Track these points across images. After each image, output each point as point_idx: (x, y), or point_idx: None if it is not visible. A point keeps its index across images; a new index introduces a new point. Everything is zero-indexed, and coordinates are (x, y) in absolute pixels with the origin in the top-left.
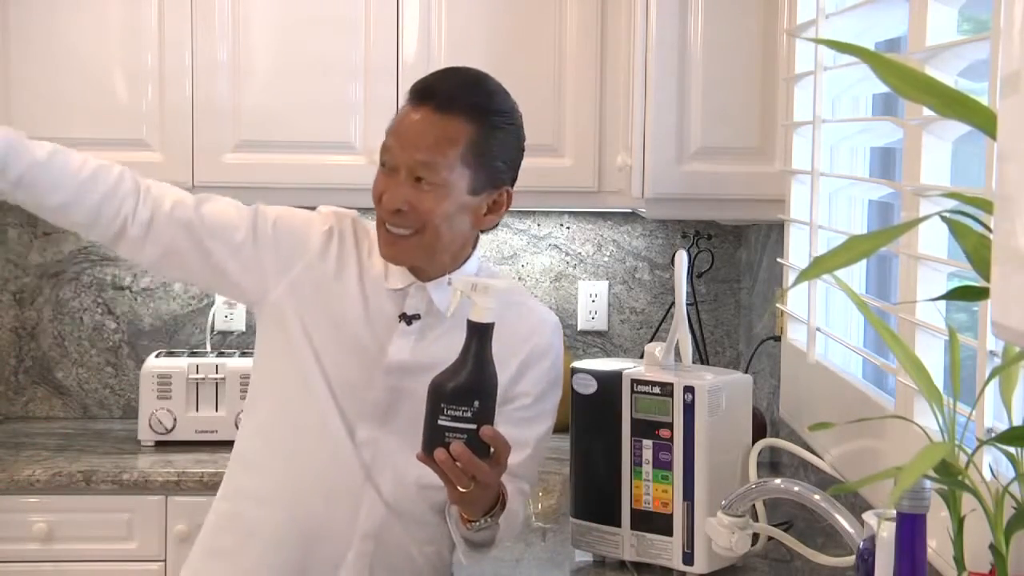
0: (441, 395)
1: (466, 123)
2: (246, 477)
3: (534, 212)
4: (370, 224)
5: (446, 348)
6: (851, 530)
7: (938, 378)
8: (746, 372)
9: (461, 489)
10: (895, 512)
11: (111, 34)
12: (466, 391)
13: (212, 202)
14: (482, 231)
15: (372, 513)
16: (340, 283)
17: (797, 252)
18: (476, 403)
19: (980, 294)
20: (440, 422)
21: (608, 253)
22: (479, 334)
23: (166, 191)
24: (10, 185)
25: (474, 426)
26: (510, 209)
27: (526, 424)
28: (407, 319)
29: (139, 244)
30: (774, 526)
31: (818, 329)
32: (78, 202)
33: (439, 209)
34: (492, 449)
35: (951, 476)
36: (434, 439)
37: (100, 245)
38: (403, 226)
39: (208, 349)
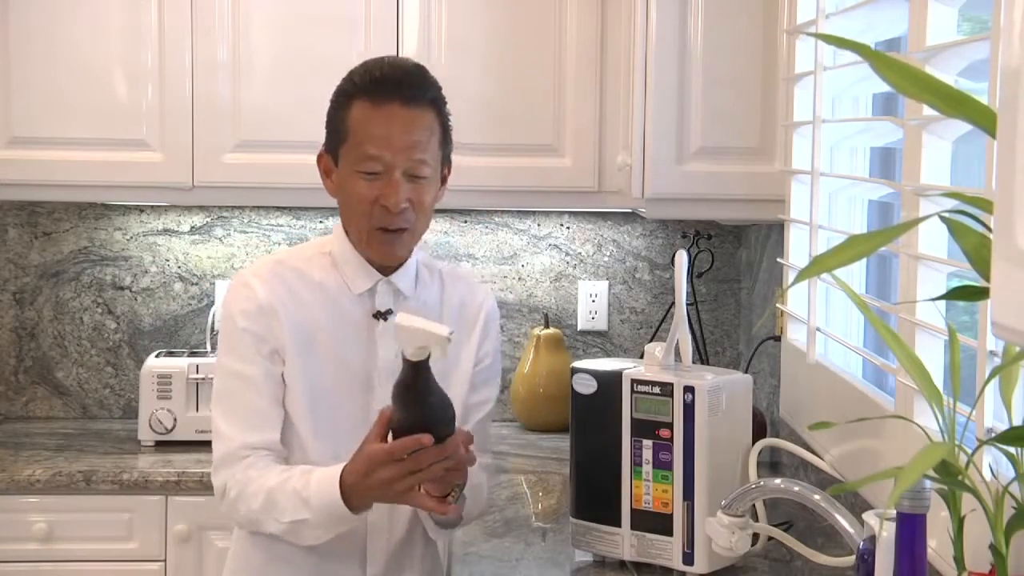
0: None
1: (431, 112)
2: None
3: (534, 212)
4: (303, 251)
5: None
6: (851, 530)
7: (938, 378)
8: (746, 372)
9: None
10: (895, 512)
11: (111, 34)
12: (422, 429)
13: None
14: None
15: (376, 558)
16: (305, 326)
17: (797, 252)
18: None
19: (980, 294)
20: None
21: (608, 253)
22: (423, 370)
23: (258, 438)
24: None
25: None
26: (509, 209)
27: (484, 385)
28: (382, 316)
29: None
30: (774, 526)
31: (818, 329)
32: None
33: (430, 199)
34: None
35: (951, 476)
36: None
37: (100, 245)
38: (403, 223)
39: (208, 349)
